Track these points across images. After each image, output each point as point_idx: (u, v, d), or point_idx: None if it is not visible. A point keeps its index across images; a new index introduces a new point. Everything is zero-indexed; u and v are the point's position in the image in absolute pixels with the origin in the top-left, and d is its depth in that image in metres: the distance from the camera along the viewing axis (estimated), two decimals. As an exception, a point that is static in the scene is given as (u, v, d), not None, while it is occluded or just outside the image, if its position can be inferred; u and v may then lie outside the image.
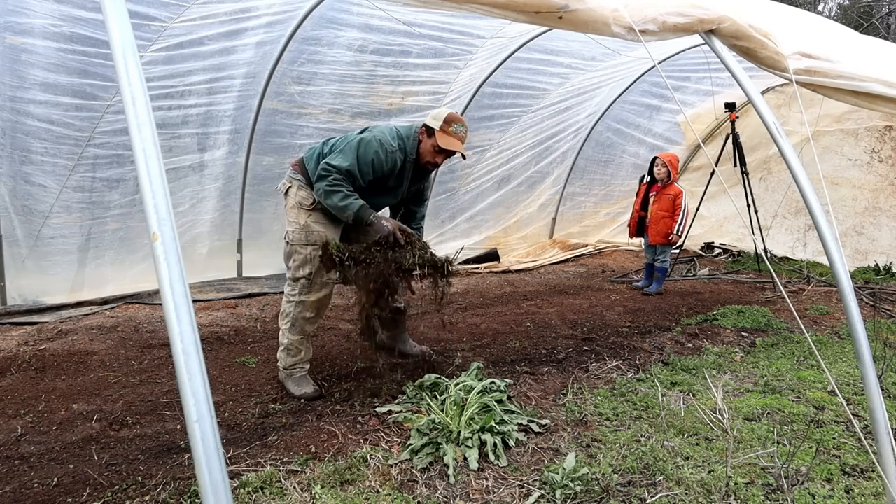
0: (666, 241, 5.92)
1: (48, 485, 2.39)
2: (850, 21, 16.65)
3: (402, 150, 3.23)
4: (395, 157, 3.20)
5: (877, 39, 4.08)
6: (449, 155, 3.29)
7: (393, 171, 3.23)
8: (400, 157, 3.22)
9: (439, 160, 3.29)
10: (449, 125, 3.19)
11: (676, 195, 5.84)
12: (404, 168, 3.28)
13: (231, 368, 3.68)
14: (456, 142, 3.20)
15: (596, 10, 2.08)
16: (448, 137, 3.19)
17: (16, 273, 4.43)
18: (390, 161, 3.18)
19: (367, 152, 3.12)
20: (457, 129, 3.20)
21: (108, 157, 4.47)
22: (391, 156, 3.18)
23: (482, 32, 5.19)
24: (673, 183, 5.88)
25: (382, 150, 3.15)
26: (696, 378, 3.60)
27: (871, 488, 2.44)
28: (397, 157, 3.21)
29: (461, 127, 3.22)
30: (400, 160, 3.23)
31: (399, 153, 3.21)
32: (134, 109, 0.97)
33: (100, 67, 4.06)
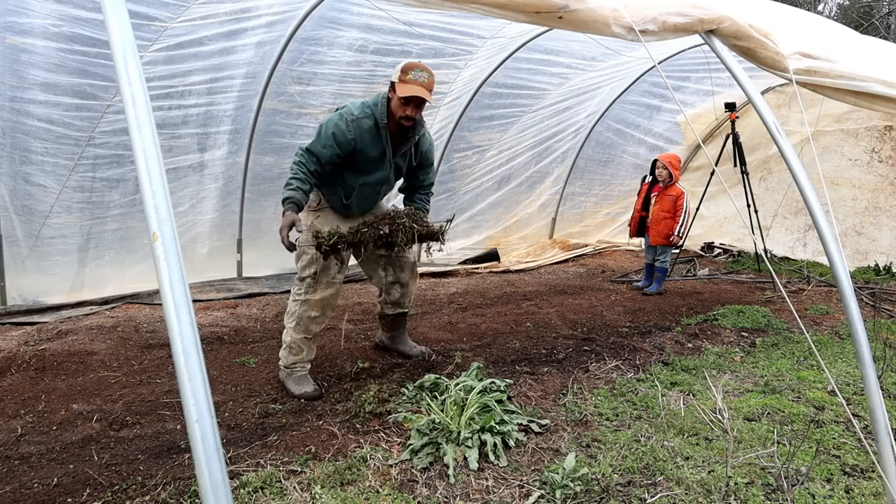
0: (667, 242, 5.92)
1: (48, 485, 2.39)
2: (850, 21, 16.65)
3: (371, 116, 3.12)
4: (361, 125, 3.09)
5: (877, 39, 4.08)
6: (417, 104, 3.07)
7: (367, 140, 3.13)
8: (369, 124, 3.11)
9: (409, 112, 3.07)
10: (406, 73, 3.02)
11: (678, 196, 5.84)
12: (379, 135, 3.15)
13: (231, 368, 3.69)
14: (415, 87, 3.00)
15: (596, 10, 2.08)
16: (406, 85, 3.01)
17: (16, 273, 4.43)
18: (355, 130, 3.09)
19: (327, 128, 3.09)
20: (415, 75, 3.01)
21: (108, 157, 4.47)
22: (355, 125, 3.08)
23: (482, 32, 5.19)
24: (675, 184, 5.88)
25: (343, 121, 3.07)
26: (696, 378, 3.60)
27: (871, 488, 2.44)
28: (364, 124, 3.10)
29: (420, 72, 3.02)
30: (370, 127, 3.11)
31: (367, 120, 3.10)
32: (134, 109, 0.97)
33: (100, 67, 4.06)
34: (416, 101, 3.05)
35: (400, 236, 2.99)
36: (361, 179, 3.21)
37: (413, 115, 3.09)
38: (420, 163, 3.44)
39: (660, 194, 5.90)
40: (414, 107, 3.07)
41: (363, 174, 3.22)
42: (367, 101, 3.18)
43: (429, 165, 3.51)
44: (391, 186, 3.49)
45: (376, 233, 2.97)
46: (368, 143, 3.14)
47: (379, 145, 3.18)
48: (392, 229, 2.99)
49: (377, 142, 3.16)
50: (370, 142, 3.15)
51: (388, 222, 3.01)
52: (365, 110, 3.12)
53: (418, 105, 3.08)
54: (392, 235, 2.98)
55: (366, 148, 3.15)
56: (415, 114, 3.10)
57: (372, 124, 3.12)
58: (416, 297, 5.53)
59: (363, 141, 3.12)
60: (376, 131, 3.14)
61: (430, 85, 3.07)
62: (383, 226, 3.00)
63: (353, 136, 3.09)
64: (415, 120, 3.14)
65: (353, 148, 3.12)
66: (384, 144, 3.18)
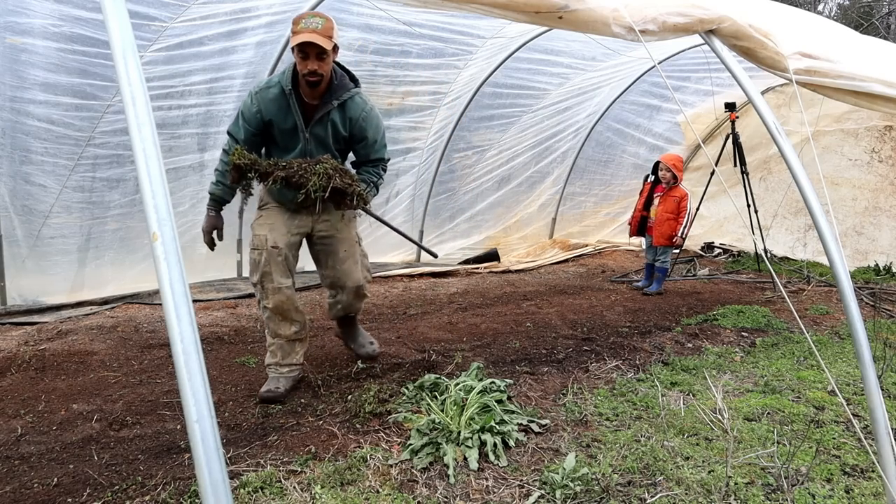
0: (670, 243, 5.92)
1: (48, 485, 2.39)
2: (850, 21, 16.65)
3: (278, 84, 2.88)
4: (265, 95, 2.88)
5: (877, 39, 4.09)
6: (317, 55, 2.74)
7: (275, 111, 2.89)
8: (275, 93, 2.88)
9: (310, 66, 2.74)
10: (297, 24, 2.75)
11: (682, 197, 5.84)
12: (288, 103, 2.88)
13: (231, 368, 3.68)
14: (306, 34, 2.70)
15: (596, 10, 2.08)
16: (296, 36, 2.71)
17: (16, 273, 4.43)
18: (259, 102, 2.88)
19: (241, 106, 2.97)
20: (306, 23, 2.72)
21: (108, 157, 4.47)
22: (258, 97, 2.88)
23: (482, 32, 5.19)
24: (679, 185, 5.88)
25: (249, 96, 2.91)
26: (696, 378, 3.60)
27: (871, 488, 2.44)
28: (270, 94, 2.88)
29: (312, 19, 2.74)
30: (276, 95, 2.88)
31: (273, 89, 2.88)
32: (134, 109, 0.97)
33: (100, 67, 4.06)
34: (312, 51, 2.72)
35: (313, 180, 2.74)
36: (284, 154, 2.97)
37: (316, 69, 2.75)
38: (352, 134, 3.05)
39: (664, 195, 5.90)
40: (314, 58, 2.73)
41: (283, 151, 2.99)
42: (278, 73, 2.99)
43: (363, 139, 3.08)
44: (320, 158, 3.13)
45: (289, 171, 2.77)
46: (277, 114, 2.90)
47: (290, 115, 2.91)
48: (306, 169, 2.77)
49: (287, 111, 2.90)
50: (278, 111, 2.90)
51: (307, 164, 2.81)
52: (272, 80, 2.92)
53: (318, 56, 2.73)
54: (304, 175, 2.75)
55: (276, 120, 2.91)
56: (317, 66, 2.75)
57: (278, 92, 2.88)
58: (415, 297, 5.53)
59: (270, 112, 2.89)
60: (284, 99, 2.88)
61: (327, 31, 2.72)
62: (299, 166, 2.78)
63: (257, 108, 2.88)
64: (322, 76, 2.79)
65: (262, 121, 2.91)
66: (293, 112, 2.90)
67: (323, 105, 2.92)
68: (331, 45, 2.72)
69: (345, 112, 2.98)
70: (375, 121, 3.05)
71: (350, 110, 2.99)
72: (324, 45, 2.70)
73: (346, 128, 3.01)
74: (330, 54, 2.77)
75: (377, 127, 3.08)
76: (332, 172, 2.79)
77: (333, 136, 3.01)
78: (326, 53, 2.73)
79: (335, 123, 2.98)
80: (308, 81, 2.80)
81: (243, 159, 2.73)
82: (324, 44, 2.69)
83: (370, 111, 3.04)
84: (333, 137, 3.01)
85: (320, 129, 2.97)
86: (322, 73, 2.78)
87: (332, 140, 3.02)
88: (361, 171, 3.15)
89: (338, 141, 3.04)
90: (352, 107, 2.99)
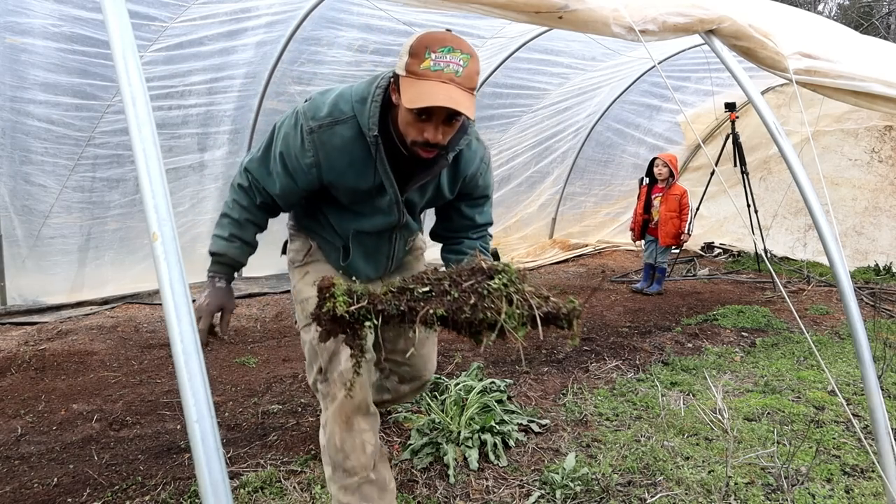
0: (677, 242, 5.95)
1: (48, 485, 2.39)
2: (850, 21, 16.65)
3: (353, 121, 1.68)
4: (332, 139, 1.69)
5: (877, 39, 4.08)
6: (445, 119, 1.57)
7: (345, 164, 1.73)
8: (347, 136, 1.68)
9: (429, 135, 1.58)
10: (419, 57, 1.52)
11: (682, 194, 5.86)
12: (370, 155, 1.71)
13: (231, 368, 3.68)
14: (437, 87, 1.50)
15: (596, 10, 2.08)
16: (420, 83, 1.51)
17: (16, 273, 4.43)
18: (321, 147, 1.70)
19: (276, 141, 1.77)
20: (438, 61, 1.51)
21: (108, 157, 4.47)
22: (319, 137, 1.68)
23: (482, 32, 5.19)
24: (676, 183, 5.91)
25: (297, 130, 1.70)
26: (696, 378, 3.60)
27: (871, 488, 2.44)
28: (340, 136, 1.68)
29: (450, 55, 1.51)
30: (348, 140, 1.69)
31: (343, 128, 1.68)
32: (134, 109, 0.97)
33: (100, 67, 4.06)
34: (441, 114, 1.56)
35: (503, 309, 1.39)
36: (353, 224, 1.91)
37: (438, 141, 1.60)
38: (462, 192, 1.95)
39: (664, 195, 5.91)
40: (439, 123, 1.58)
41: (355, 216, 1.89)
42: (353, 89, 1.72)
43: (473, 198, 1.99)
44: (413, 231, 2.08)
45: (445, 302, 1.40)
46: (347, 171, 1.74)
47: (371, 173, 1.75)
48: (479, 299, 1.40)
49: (366, 167, 1.73)
50: (350, 167, 1.74)
51: (471, 286, 1.42)
52: (340, 109, 1.69)
53: (448, 121, 1.59)
54: (481, 311, 1.39)
55: (345, 176, 1.76)
56: (441, 137, 1.60)
57: (352, 136, 1.70)
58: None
59: (337, 166, 1.73)
60: (362, 149, 1.71)
61: (471, 77, 1.55)
62: (458, 290, 1.42)
63: (313, 157, 1.71)
64: (443, 147, 1.69)
65: (319, 178, 1.76)
66: (380, 172, 1.75)
67: (433, 164, 1.77)
68: (473, 106, 1.55)
69: (457, 167, 1.86)
70: (490, 171, 1.99)
71: (464, 164, 1.87)
72: (463, 108, 1.50)
73: (452, 188, 1.91)
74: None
75: (491, 179, 2.02)
76: (519, 286, 1.43)
77: (430, 202, 1.96)
78: (461, 116, 1.59)
79: (441, 186, 1.88)
80: (419, 158, 1.68)
81: (351, 303, 1.37)
82: (463, 105, 1.50)
83: (488, 161, 1.96)
84: (430, 202, 1.96)
85: (416, 194, 1.87)
86: (444, 145, 1.66)
87: (425, 205, 1.99)
88: (462, 247, 2.03)
89: (434, 203, 1.99)
90: (467, 159, 1.87)
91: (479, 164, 1.91)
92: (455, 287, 1.42)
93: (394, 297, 1.40)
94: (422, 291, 1.41)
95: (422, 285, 1.42)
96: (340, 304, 1.35)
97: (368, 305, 1.37)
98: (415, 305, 1.38)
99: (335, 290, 1.37)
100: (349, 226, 1.92)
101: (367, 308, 1.36)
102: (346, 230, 1.93)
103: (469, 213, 2.01)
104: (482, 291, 1.40)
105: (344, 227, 1.93)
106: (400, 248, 2.08)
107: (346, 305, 1.35)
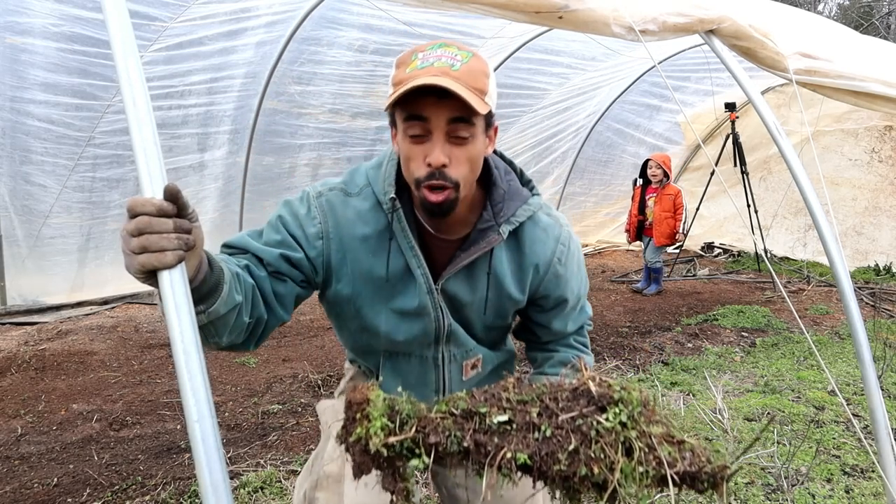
0: (672, 241, 5.95)
1: (48, 485, 2.39)
2: (850, 21, 16.65)
3: (367, 189, 1.28)
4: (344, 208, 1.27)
5: (877, 39, 4.08)
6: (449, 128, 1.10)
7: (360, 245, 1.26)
8: (362, 207, 1.27)
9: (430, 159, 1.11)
10: (405, 64, 1.13)
11: (676, 194, 5.87)
12: (389, 227, 1.26)
13: (231, 368, 3.68)
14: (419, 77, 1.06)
15: (596, 10, 2.08)
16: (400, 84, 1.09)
17: (16, 273, 4.43)
18: (324, 213, 1.26)
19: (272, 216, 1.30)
20: (426, 59, 1.12)
21: (108, 157, 4.47)
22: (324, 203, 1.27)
23: (482, 32, 5.19)
24: (670, 183, 5.91)
25: (300, 200, 1.29)
26: (696, 378, 3.60)
27: (871, 488, 2.44)
28: (351, 206, 1.27)
29: (438, 50, 1.14)
30: (364, 211, 1.27)
31: (358, 200, 1.27)
32: (134, 109, 0.97)
33: (100, 67, 4.06)
34: (439, 118, 1.10)
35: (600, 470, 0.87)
36: (381, 339, 1.35)
37: (441, 164, 1.11)
38: (539, 295, 1.37)
39: (658, 195, 5.92)
40: (441, 139, 1.11)
41: (382, 326, 1.33)
42: (370, 161, 1.35)
43: (557, 300, 1.39)
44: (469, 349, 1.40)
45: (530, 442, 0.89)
46: (361, 246, 1.27)
47: (387, 247, 1.27)
48: (583, 443, 0.88)
49: (382, 239, 1.27)
50: (365, 241, 1.27)
51: (571, 420, 0.89)
52: (355, 181, 1.31)
53: (453, 133, 1.12)
54: (585, 463, 0.87)
55: (358, 255, 1.27)
56: (442, 158, 1.11)
57: (368, 207, 1.27)
58: None
59: (346, 239, 1.27)
60: (378, 221, 1.27)
61: (474, 75, 1.12)
62: (551, 424, 0.90)
63: (319, 225, 1.25)
64: (457, 187, 1.14)
65: (326, 257, 1.27)
66: (401, 244, 1.26)
67: (472, 238, 1.27)
68: (484, 105, 1.11)
69: (521, 251, 1.32)
70: (577, 260, 1.41)
71: (531, 245, 1.32)
72: (461, 92, 1.07)
73: (521, 285, 1.34)
74: (478, 130, 1.15)
75: (580, 272, 1.43)
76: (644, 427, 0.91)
77: (492, 302, 1.33)
78: (471, 126, 1.12)
79: (502, 280, 1.31)
80: (428, 203, 1.15)
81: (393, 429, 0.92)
82: (462, 92, 1.07)
83: (570, 244, 1.38)
84: (492, 304, 1.34)
85: (462, 286, 1.30)
86: (457, 180, 1.14)
87: (484, 309, 1.34)
88: (554, 361, 1.45)
89: (498, 309, 1.35)
90: (535, 238, 1.33)
91: (555, 246, 1.33)
92: (548, 418, 0.93)
93: (455, 423, 0.95)
94: (498, 421, 0.94)
95: (498, 409, 0.95)
96: (376, 431, 0.92)
97: (416, 434, 0.94)
98: (485, 441, 0.92)
99: (370, 408, 0.94)
100: (377, 343, 1.36)
101: (413, 438, 0.93)
102: (374, 349, 1.39)
103: (558, 327, 1.41)
104: (588, 432, 0.91)
105: (371, 344, 1.38)
106: (455, 377, 1.41)
107: (384, 434, 0.92)
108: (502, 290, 1.32)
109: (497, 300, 1.33)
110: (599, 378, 0.96)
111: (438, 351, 1.37)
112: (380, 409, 0.94)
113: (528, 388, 0.97)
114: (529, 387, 0.97)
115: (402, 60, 1.16)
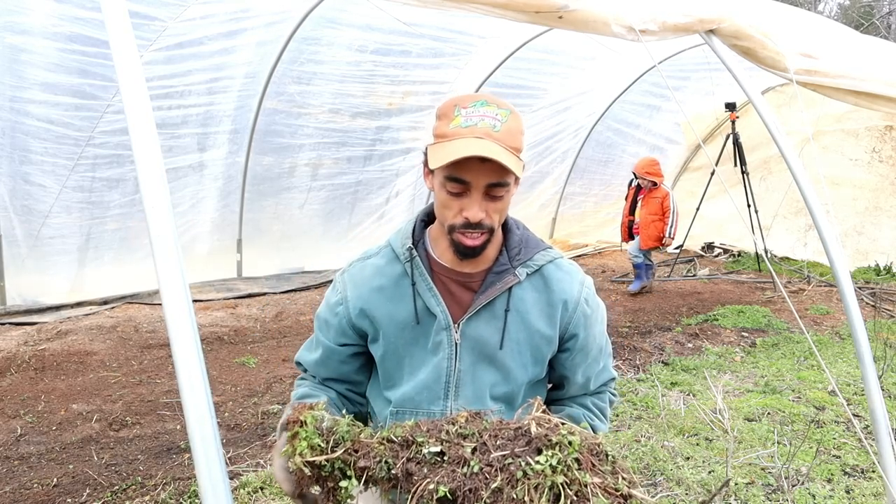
0: (659, 245, 5.93)
1: (48, 485, 2.39)
2: (850, 21, 16.65)
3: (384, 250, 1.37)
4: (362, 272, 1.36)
5: (877, 39, 4.08)
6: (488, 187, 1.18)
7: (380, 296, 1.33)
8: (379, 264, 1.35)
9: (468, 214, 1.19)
10: (449, 117, 1.22)
11: (663, 197, 5.85)
12: (405, 274, 1.32)
13: (231, 368, 3.68)
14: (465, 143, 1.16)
15: (596, 9, 2.08)
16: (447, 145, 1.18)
17: (16, 273, 4.43)
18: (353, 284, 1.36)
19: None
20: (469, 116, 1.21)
21: (108, 157, 4.47)
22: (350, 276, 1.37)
23: (482, 32, 5.19)
24: (660, 186, 5.90)
25: (332, 287, 1.41)
26: (697, 378, 3.59)
27: (871, 488, 2.44)
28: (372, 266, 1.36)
29: (482, 108, 1.25)
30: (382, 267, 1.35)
31: (377, 259, 1.36)
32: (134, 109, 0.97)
33: (100, 67, 4.06)
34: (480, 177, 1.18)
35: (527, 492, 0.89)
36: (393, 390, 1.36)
37: (480, 220, 1.20)
38: (566, 334, 1.35)
39: (645, 197, 5.92)
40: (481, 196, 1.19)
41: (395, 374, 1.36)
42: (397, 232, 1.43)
43: (586, 339, 1.36)
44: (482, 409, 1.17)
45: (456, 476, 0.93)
46: (377, 295, 1.33)
47: (404, 290, 1.33)
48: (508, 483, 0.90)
49: (399, 285, 1.33)
50: (381, 290, 1.34)
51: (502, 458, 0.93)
52: (377, 246, 1.42)
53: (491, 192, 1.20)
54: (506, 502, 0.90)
55: (374, 302, 1.33)
56: (481, 215, 1.20)
57: (386, 261, 1.37)
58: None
59: (363, 290, 1.34)
60: (395, 269, 1.35)
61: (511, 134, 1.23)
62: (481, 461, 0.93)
63: (339, 294, 1.36)
64: (491, 232, 1.24)
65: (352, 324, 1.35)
66: (419, 286, 1.31)
67: (489, 281, 1.31)
68: (519, 165, 1.20)
69: (549, 289, 1.33)
70: (601, 312, 1.41)
71: (559, 285, 1.34)
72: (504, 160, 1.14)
73: (550, 321, 1.33)
74: (512, 186, 1.24)
75: (604, 324, 1.42)
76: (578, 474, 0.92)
77: (523, 342, 1.32)
78: (507, 185, 1.21)
79: (521, 311, 1.32)
80: (462, 246, 1.23)
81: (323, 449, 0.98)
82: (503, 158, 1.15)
83: (591, 289, 1.39)
84: (524, 344, 1.32)
85: (484, 327, 1.31)
86: (491, 227, 1.23)
87: (510, 354, 1.32)
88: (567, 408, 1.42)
89: (533, 351, 1.33)
90: (561, 280, 1.34)
91: (580, 288, 1.34)
92: (481, 454, 0.92)
93: (390, 450, 0.96)
94: (430, 452, 0.94)
95: (435, 440, 0.95)
96: (303, 447, 0.95)
97: (346, 456, 0.95)
98: (415, 471, 0.93)
99: (300, 428, 0.97)
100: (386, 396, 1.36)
101: (343, 460, 0.95)
102: (381, 408, 1.38)
103: (581, 380, 1.40)
104: (515, 472, 0.89)
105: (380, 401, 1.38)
106: None
107: (310, 452, 0.95)
108: (530, 327, 1.32)
109: (528, 339, 1.32)
110: (547, 420, 0.95)
111: (447, 408, 1.32)
112: (310, 429, 0.97)
113: (477, 423, 0.98)
114: (479, 422, 0.98)
115: (443, 112, 1.25)
